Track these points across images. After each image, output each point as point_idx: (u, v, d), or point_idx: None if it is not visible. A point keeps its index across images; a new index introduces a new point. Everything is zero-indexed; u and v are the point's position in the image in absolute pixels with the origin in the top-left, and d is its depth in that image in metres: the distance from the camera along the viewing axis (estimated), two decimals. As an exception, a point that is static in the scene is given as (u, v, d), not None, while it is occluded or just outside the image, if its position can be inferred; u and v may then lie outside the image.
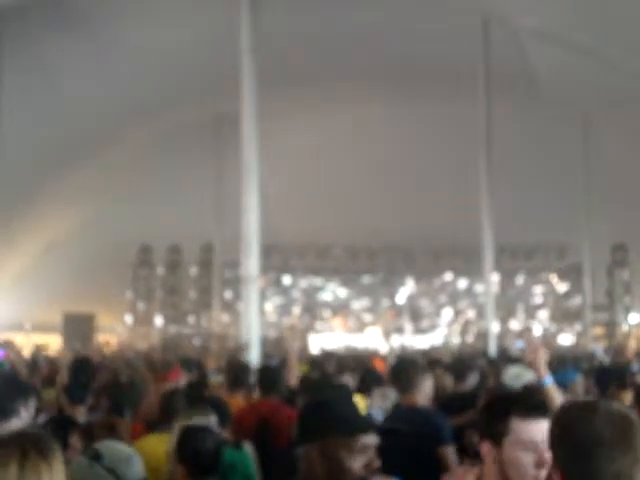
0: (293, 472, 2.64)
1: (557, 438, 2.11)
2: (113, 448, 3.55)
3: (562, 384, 8.38)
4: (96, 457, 3.44)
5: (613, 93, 19.97)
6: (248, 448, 5.46)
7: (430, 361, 9.66)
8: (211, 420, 4.26)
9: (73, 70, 20.47)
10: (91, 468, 3.40)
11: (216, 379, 8.82)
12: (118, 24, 19.66)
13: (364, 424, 2.60)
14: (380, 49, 20.61)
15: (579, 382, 8.58)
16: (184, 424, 4.18)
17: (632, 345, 23.32)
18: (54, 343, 22.15)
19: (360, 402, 4.59)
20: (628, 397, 6.58)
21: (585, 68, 18.21)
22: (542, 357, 4.10)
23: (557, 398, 3.85)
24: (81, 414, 5.84)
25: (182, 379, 7.96)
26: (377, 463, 2.54)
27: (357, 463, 2.50)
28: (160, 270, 27.41)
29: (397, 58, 21.13)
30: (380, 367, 10.78)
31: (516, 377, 7.73)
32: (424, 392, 6.48)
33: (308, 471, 2.53)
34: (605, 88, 19.58)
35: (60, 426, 4.79)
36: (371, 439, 2.54)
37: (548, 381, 4.02)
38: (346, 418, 2.56)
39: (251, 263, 11.39)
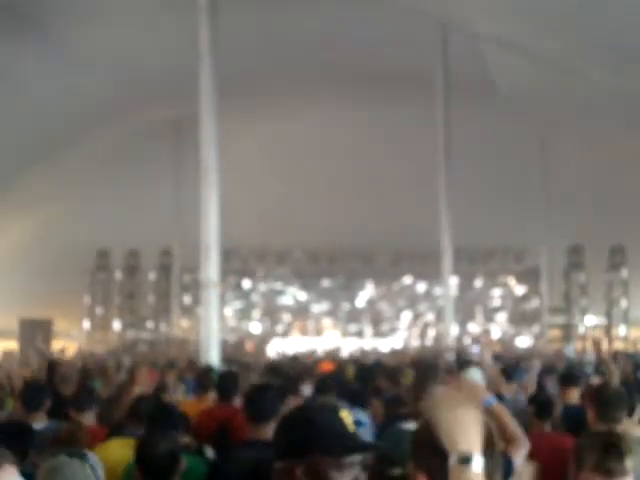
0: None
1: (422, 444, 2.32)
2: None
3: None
4: (83, 457, 3.42)
5: (570, 99, 20.24)
6: (209, 453, 5.44)
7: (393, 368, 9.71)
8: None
9: (28, 75, 20.22)
10: (83, 469, 3.37)
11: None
12: (73, 29, 19.50)
13: (360, 444, 2.47)
14: (339, 53, 20.66)
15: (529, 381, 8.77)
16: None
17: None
18: (11, 348, 21.81)
19: (347, 417, 4.55)
20: (573, 394, 6.76)
21: (543, 74, 18.41)
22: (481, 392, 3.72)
23: (503, 414, 3.69)
24: (41, 420, 5.74)
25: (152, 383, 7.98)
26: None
27: None
28: (118, 275, 27.14)
29: (356, 61, 21.20)
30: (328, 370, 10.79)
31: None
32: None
33: None
34: (562, 94, 19.84)
35: (15, 434, 4.70)
36: (357, 456, 2.43)
37: (490, 402, 3.76)
38: (338, 435, 2.43)
39: (210, 267, 11.33)
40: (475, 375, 8.30)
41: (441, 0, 17.05)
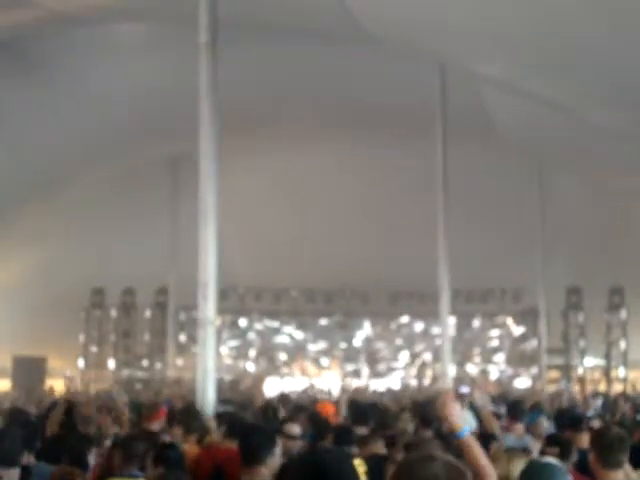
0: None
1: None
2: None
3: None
4: None
5: (568, 140, 20.25)
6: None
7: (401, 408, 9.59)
8: None
9: (25, 113, 20.27)
10: None
11: None
12: (71, 67, 19.59)
13: None
14: (339, 92, 20.74)
15: (541, 423, 8.60)
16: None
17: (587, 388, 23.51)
18: (3, 387, 21.61)
19: (359, 467, 4.42)
20: (584, 439, 6.66)
21: (541, 114, 18.43)
22: (452, 410, 3.91)
23: (475, 447, 3.74)
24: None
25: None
26: None
27: None
28: (113, 313, 26.93)
29: (355, 102, 21.28)
30: (330, 412, 10.63)
31: None
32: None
33: None
34: (561, 135, 19.85)
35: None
36: None
37: (463, 433, 3.82)
38: None
39: (208, 306, 11.19)
40: (466, 415, 8.18)
41: (439, 42, 17.11)
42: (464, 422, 3.98)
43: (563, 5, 11.65)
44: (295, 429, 7.12)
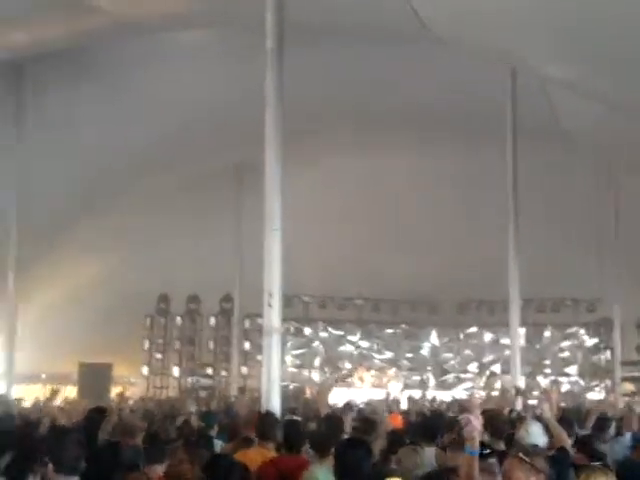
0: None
1: None
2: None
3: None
4: None
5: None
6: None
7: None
8: None
9: (91, 119, 20.50)
10: None
11: None
12: (135, 75, 19.73)
13: None
14: (406, 97, 20.45)
15: None
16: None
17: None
18: (70, 394, 21.75)
19: None
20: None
21: (615, 119, 17.87)
22: (475, 427, 4.17)
23: (474, 469, 4.08)
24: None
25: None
26: None
27: None
28: (178, 320, 27.00)
29: (423, 107, 20.97)
30: (397, 423, 10.37)
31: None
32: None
33: None
34: (635, 139, 19.23)
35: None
36: None
37: (476, 452, 4.17)
38: None
39: (273, 314, 11.00)
40: (534, 429, 7.80)
41: (508, 42, 16.71)
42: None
43: (635, 4, 11.18)
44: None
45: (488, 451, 4.36)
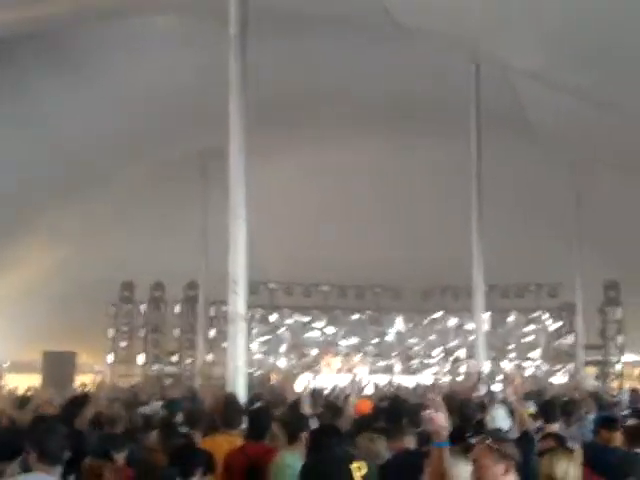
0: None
1: None
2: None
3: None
4: None
5: (604, 132, 19.82)
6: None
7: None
8: None
9: (58, 107, 20.28)
10: None
11: None
12: (101, 62, 19.53)
13: None
14: (371, 87, 20.46)
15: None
16: None
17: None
18: (34, 382, 21.59)
19: (359, 469, 4.27)
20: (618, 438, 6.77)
21: (576, 108, 18.06)
22: (441, 421, 4.20)
23: (447, 458, 4.14)
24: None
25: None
26: None
27: None
28: (143, 308, 26.84)
29: (388, 96, 20.99)
30: (365, 408, 10.43)
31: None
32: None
33: None
34: (597, 128, 19.44)
35: None
36: None
37: (444, 444, 4.20)
38: None
39: (238, 301, 11.03)
40: (499, 413, 7.93)
41: (473, 33, 16.79)
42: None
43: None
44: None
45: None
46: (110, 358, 26.41)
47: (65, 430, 5.02)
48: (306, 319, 27.42)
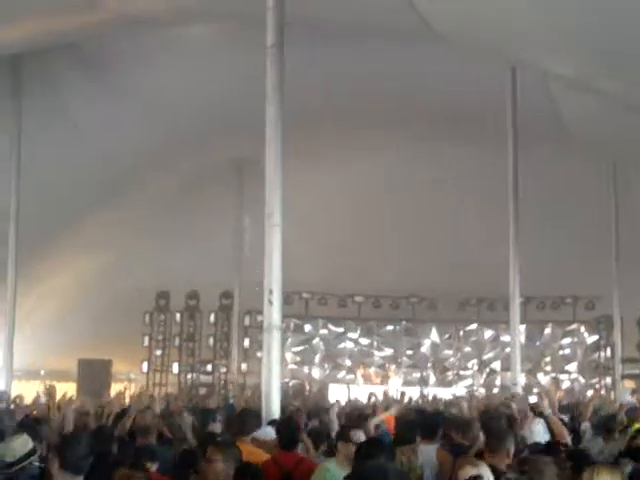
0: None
1: None
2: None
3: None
4: None
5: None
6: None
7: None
8: None
9: (93, 116, 20.48)
10: None
11: None
12: (138, 70, 19.66)
13: None
14: (406, 93, 20.36)
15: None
16: None
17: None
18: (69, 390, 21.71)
19: None
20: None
21: (615, 116, 17.82)
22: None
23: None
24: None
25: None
26: None
27: None
28: (178, 317, 26.95)
29: (423, 105, 20.88)
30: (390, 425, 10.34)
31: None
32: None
33: None
34: (636, 135, 19.18)
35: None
36: None
37: None
38: None
39: (273, 310, 10.98)
40: (539, 428, 7.78)
41: (509, 41, 16.66)
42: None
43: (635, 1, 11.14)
44: (360, 435, 6.88)
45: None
46: (145, 366, 26.53)
47: (89, 440, 5.00)
48: (340, 329, 27.36)
